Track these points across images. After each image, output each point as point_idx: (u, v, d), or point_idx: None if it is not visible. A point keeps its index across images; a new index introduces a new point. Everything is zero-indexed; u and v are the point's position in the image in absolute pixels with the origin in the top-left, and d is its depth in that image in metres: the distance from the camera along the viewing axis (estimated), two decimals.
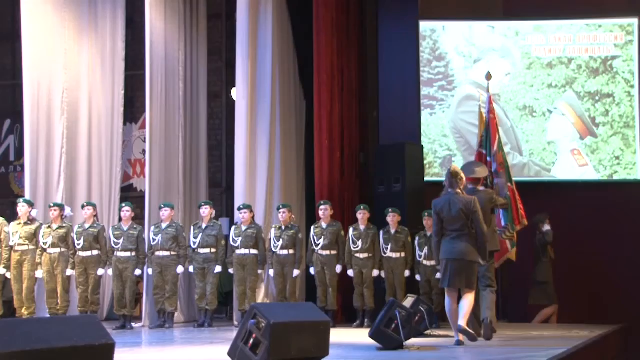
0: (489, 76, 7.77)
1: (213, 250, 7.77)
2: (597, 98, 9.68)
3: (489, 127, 7.59)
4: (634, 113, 9.56)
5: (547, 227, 8.42)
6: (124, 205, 7.94)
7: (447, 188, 5.40)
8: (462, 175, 5.44)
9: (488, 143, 7.55)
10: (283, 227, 7.86)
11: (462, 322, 5.28)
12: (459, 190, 5.35)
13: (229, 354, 3.91)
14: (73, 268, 7.64)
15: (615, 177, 9.53)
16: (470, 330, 5.34)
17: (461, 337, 5.34)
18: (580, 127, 9.67)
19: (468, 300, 5.31)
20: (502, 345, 5.68)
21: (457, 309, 5.33)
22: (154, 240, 7.74)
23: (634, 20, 9.61)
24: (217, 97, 10.40)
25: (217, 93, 10.42)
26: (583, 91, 9.70)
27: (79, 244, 7.63)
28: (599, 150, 9.61)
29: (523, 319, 8.54)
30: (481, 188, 6.02)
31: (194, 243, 7.80)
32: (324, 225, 7.89)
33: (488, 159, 7.40)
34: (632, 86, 9.59)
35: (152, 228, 7.86)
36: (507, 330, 7.00)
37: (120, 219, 7.96)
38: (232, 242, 7.83)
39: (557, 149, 9.69)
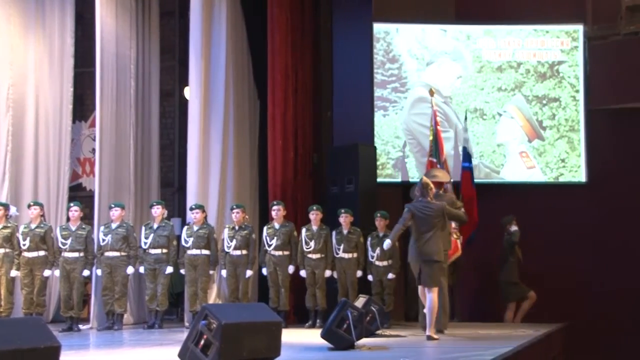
0: (431, 92, 8.44)
1: (164, 250, 7.68)
2: (544, 102, 9.94)
3: (436, 138, 8.15)
4: (578, 117, 9.86)
5: (514, 228, 8.66)
6: (72, 204, 7.76)
7: (418, 197, 6.11)
8: (432, 186, 6.16)
9: (437, 152, 8.07)
10: (236, 228, 7.82)
11: (430, 331, 5.91)
12: (429, 199, 6.08)
13: (180, 355, 3.88)
14: (18, 269, 7.43)
15: (561, 180, 9.81)
16: (435, 337, 5.94)
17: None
18: (529, 130, 9.92)
19: (431, 305, 5.89)
20: (451, 344, 5.78)
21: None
22: (103, 240, 7.61)
23: (579, 27, 9.91)
24: (169, 96, 10.28)
25: (170, 92, 10.29)
26: (531, 95, 9.96)
27: (24, 245, 7.43)
28: (546, 153, 9.87)
29: (495, 319, 8.65)
30: (441, 192, 6.66)
31: (145, 243, 7.70)
32: (276, 225, 7.88)
33: (438, 166, 7.91)
34: (577, 91, 9.89)
35: (102, 228, 7.72)
36: (456, 329, 7.12)
37: (68, 219, 7.78)
38: (183, 243, 7.75)
39: (506, 151, 9.92)
